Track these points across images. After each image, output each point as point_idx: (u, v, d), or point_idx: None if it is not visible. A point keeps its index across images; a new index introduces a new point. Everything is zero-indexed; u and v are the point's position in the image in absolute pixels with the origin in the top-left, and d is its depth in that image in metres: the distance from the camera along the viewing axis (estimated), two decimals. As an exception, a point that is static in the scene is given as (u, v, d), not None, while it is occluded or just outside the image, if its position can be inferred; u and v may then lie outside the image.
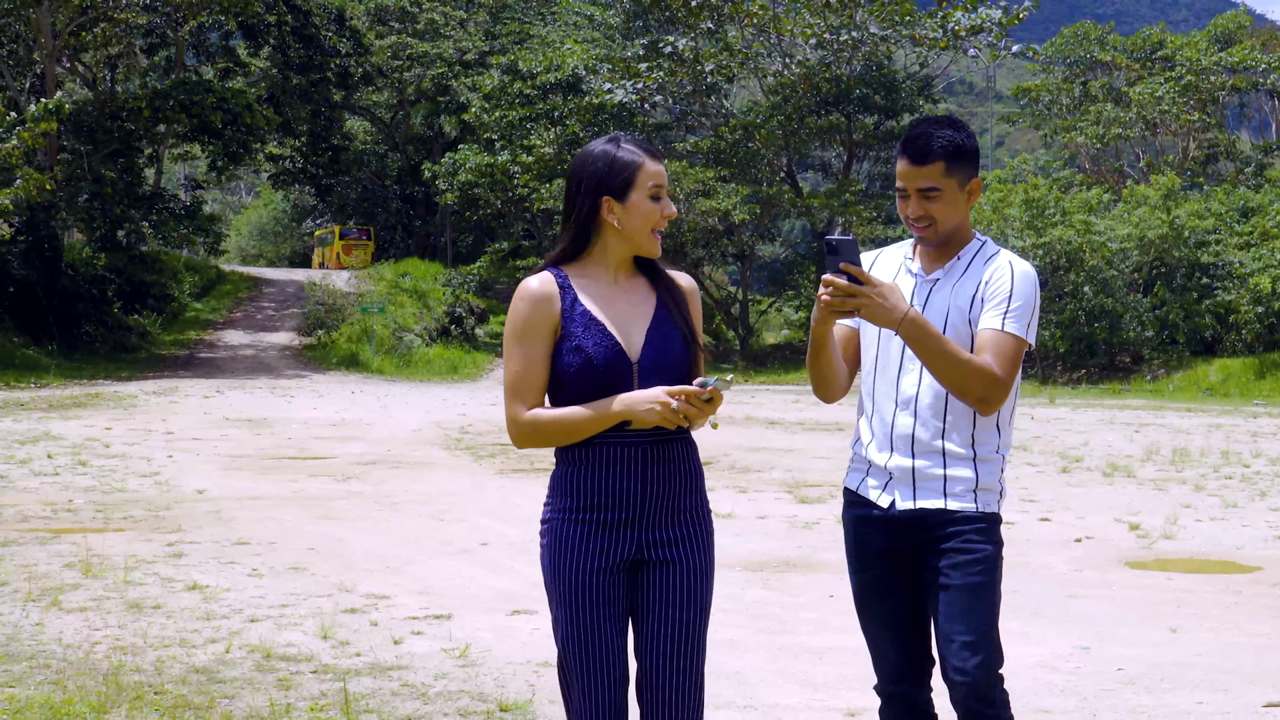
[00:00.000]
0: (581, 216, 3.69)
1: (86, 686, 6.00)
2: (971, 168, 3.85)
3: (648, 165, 3.67)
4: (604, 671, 3.63)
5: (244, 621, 7.39)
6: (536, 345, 3.65)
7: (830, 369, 3.93)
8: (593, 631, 3.62)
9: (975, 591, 3.80)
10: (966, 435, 3.84)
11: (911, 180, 3.83)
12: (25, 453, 15.36)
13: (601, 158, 3.68)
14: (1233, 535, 10.99)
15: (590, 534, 3.64)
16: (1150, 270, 36.73)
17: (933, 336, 3.70)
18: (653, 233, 3.69)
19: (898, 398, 3.89)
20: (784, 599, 8.30)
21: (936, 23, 43.20)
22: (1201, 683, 6.41)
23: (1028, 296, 3.81)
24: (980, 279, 3.85)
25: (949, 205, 3.83)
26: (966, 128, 3.89)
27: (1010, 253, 3.90)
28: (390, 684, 6.17)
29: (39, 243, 35.29)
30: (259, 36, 46.15)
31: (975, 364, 3.73)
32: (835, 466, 15.43)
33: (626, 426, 3.63)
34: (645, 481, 3.65)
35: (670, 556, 3.68)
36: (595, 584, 3.63)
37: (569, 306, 3.66)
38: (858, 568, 3.99)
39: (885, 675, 3.99)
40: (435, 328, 41.76)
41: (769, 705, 5.94)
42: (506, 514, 11.60)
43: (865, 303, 3.67)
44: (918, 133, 3.84)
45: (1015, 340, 3.77)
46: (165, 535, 10.19)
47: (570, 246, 3.72)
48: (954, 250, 3.90)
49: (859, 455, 3.99)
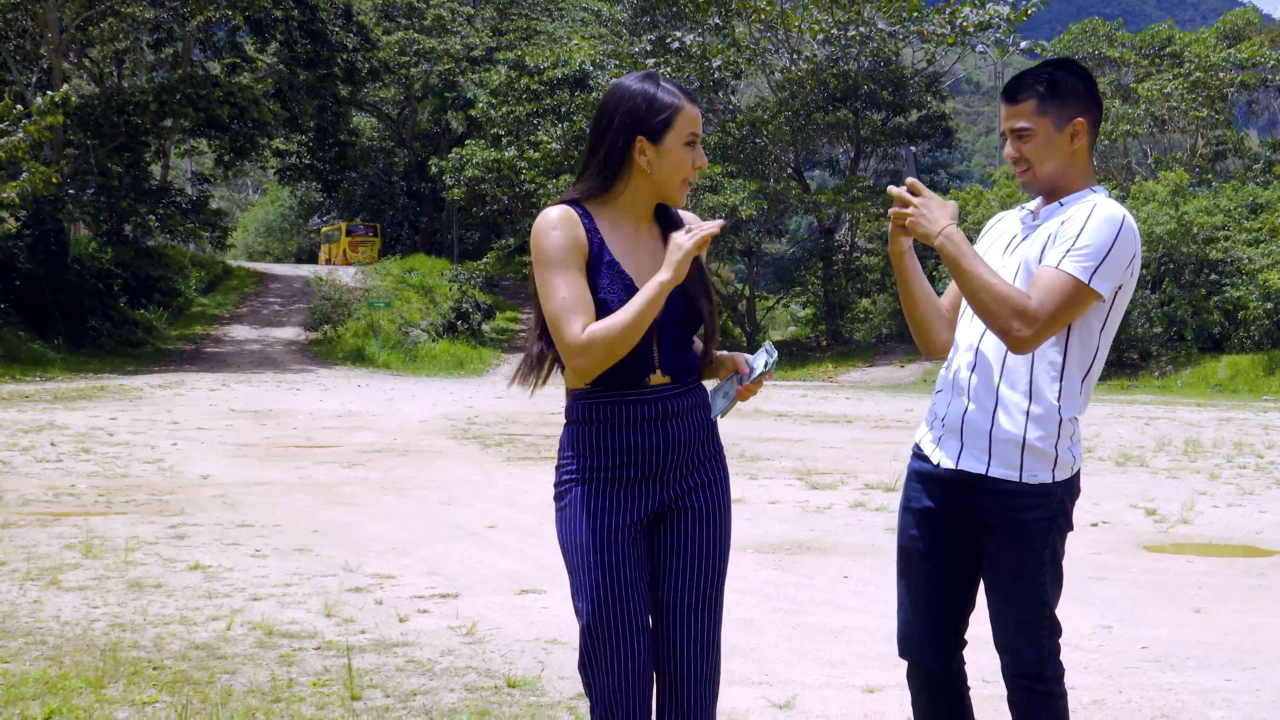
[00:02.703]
0: (612, 155, 3.46)
1: (83, 662, 5.85)
2: (1072, 107, 3.59)
3: (687, 109, 3.46)
4: (634, 636, 3.44)
5: (246, 600, 7.24)
6: (576, 268, 3.40)
7: (918, 307, 3.76)
8: (623, 592, 3.43)
9: (1021, 570, 3.61)
10: (1024, 383, 3.58)
11: (1006, 120, 3.64)
12: (29, 440, 15.21)
13: (640, 95, 3.45)
14: (1251, 521, 10.82)
15: (613, 491, 3.46)
16: (1158, 266, 36.52)
17: (965, 256, 3.49)
18: (683, 182, 3.49)
19: (966, 339, 3.69)
20: (798, 580, 8.14)
21: (945, 19, 43.07)
22: (1228, 661, 6.24)
23: (1101, 239, 3.48)
24: (1060, 219, 3.59)
25: (1044, 147, 3.59)
26: (1075, 66, 3.64)
27: (1109, 200, 3.59)
28: (395, 660, 6.01)
29: (45, 237, 35.16)
30: (266, 31, 45.95)
31: (1004, 289, 3.47)
32: (846, 455, 15.26)
33: (646, 380, 3.46)
34: (667, 434, 3.47)
35: (690, 504, 3.53)
36: (621, 542, 3.44)
37: (596, 252, 3.44)
38: (902, 524, 3.79)
39: (906, 642, 3.79)
40: (441, 323, 41.63)
41: (786, 681, 5.78)
42: (515, 500, 11.44)
43: (911, 214, 3.52)
44: (1021, 73, 3.67)
45: (1069, 280, 3.46)
46: (168, 518, 10.04)
47: (595, 184, 3.48)
48: (1059, 198, 3.65)
49: (931, 405, 3.80)
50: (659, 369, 3.48)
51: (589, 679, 3.49)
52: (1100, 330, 3.61)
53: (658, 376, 3.48)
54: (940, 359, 3.83)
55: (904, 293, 3.76)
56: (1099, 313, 3.58)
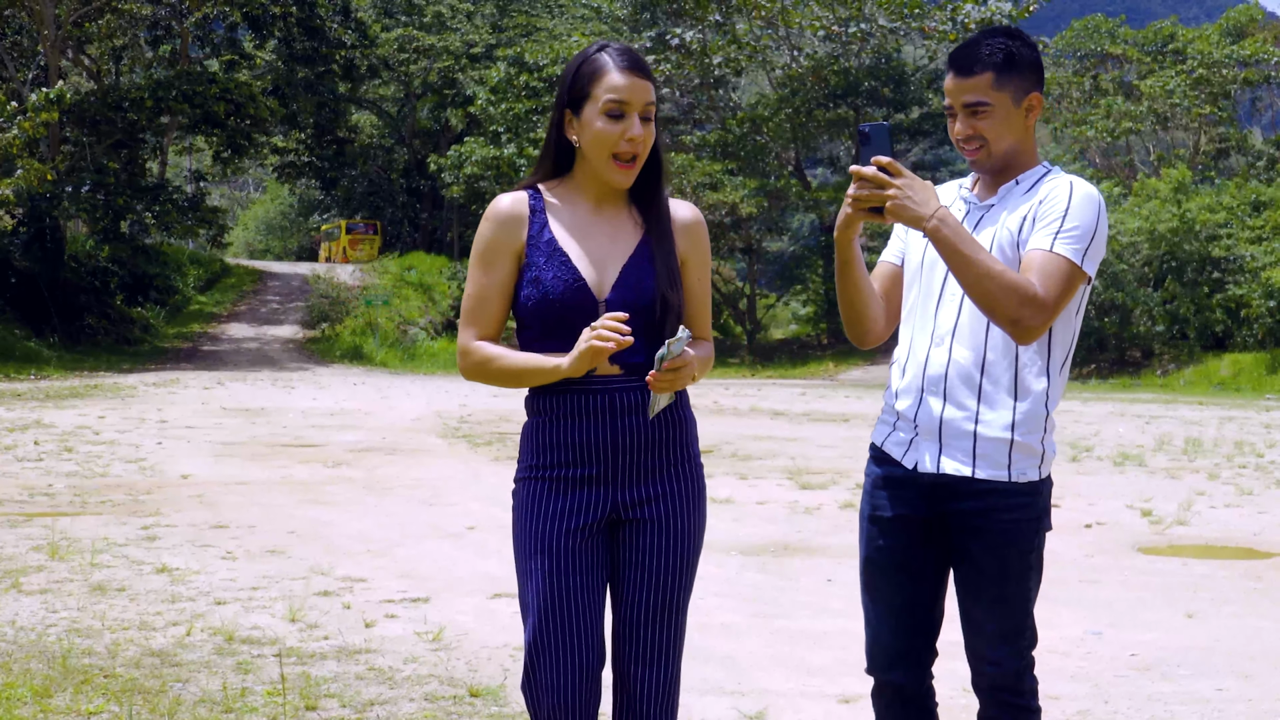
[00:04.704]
0: (551, 132, 3.27)
1: (32, 669, 5.63)
2: (1029, 80, 3.37)
3: (610, 76, 3.18)
4: (580, 650, 3.20)
5: (210, 604, 7.02)
6: (496, 270, 3.26)
7: (860, 296, 3.46)
8: (568, 602, 3.19)
9: (1006, 574, 3.38)
10: (1008, 376, 3.36)
11: (957, 95, 3.36)
12: (11, 440, 15.00)
13: (572, 64, 3.25)
14: (1249, 522, 10.58)
15: (559, 492, 3.23)
16: (1161, 264, 36.27)
17: (965, 240, 3.21)
18: (613, 159, 3.20)
19: (934, 331, 3.42)
20: (781, 583, 7.92)
21: (946, 15, 42.82)
22: (1222, 669, 6.02)
23: (1086, 220, 3.29)
24: (1035, 199, 3.36)
25: (1001, 123, 3.35)
26: (1023, 36, 3.40)
27: (1076, 176, 3.38)
28: (356, 668, 5.80)
29: (41, 234, 34.96)
30: (264, 28, 45.70)
31: (1010, 277, 3.21)
32: (840, 455, 15.03)
33: (594, 372, 3.23)
34: (617, 432, 3.22)
35: (648, 515, 3.28)
36: (566, 547, 3.21)
37: (536, 233, 3.24)
38: (868, 535, 3.52)
39: (876, 660, 3.55)
40: (440, 321, 41.45)
41: (760, 691, 5.56)
42: (499, 498, 11.21)
43: (893, 196, 3.20)
44: (966, 43, 3.39)
45: (1066, 263, 3.25)
46: (141, 519, 9.81)
47: (547, 167, 3.30)
48: (1012, 175, 3.42)
49: (888, 406, 3.53)
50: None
51: (534, 698, 3.24)
52: (1076, 314, 3.42)
53: (604, 366, 3.23)
54: (870, 349, 3.59)
55: (848, 281, 3.46)
56: (1079, 297, 3.38)
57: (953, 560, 3.47)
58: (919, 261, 3.49)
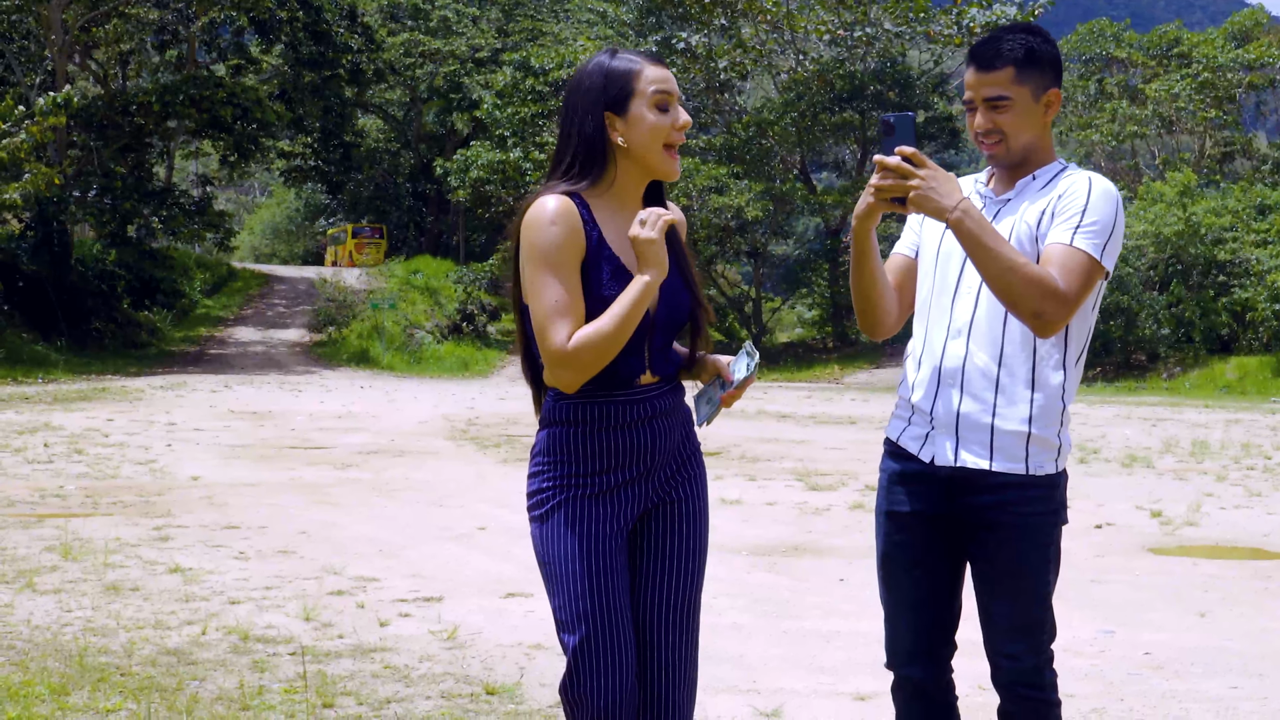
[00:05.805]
0: (591, 142, 3.22)
1: (49, 668, 5.66)
2: (1048, 77, 3.40)
3: (647, 70, 3.22)
4: (625, 650, 3.24)
5: (224, 603, 7.05)
6: (571, 271, 3.18)
7: (874, 287, 3.47)
8: (615, 608, 3.24)
9: (1024, 568, 3.40)
10: (1025, 369, 3.37)
11: (978, 89, 3.39)
12: (21, 442, 15.04)
13: (595, 71, 3.24)
14: (1258, 523, 10.60)
15: (599, 499, 3.26)
16: (1166, 267, 36.26)
17: (988, 232, 3.24)
18: (666, 149, 3.24)
19: (950, 324, 3.43)
20: (791, 583, 7.94)
21: (951, 19, 42.79)
22: (1234, 668, 6.03)
23: (1105, 215, 3.31)
24: (1053, 194, 3.38)
25: (1021, 118, 3.38)
26: (1044, 33, 3.44)
27: (1094, 172, 3.42)
28: (372, 666, 5.82)
29: (48, 238, 35.00)
30: (271, 33, 45.77)
31: (1033, 270, 3.23)
32: (848, 457, 15.05)
33: (637, 380, 3.27)
34: (655, 434, 3.29)
35: (674, 497, 3.37)
36: (609, 551, 3.25)
37: (595, 243, 3.21)
38: (885, 530, 3.53)
39: (895, 655, 3.56)
40: (447, 325, 41.46)
41: (774, 689, 5.59)
42: (508, 501, 11.23)
43: (916, 186, 3.22)
44: (987, 37, 3.42)
45: (1086, 258, 3.27)
46: (153, 520, 9.85)
47: (585, 175, 3.24)
48: (1029, 170, 3.45)
49: (903, 400, 3.53)
50: (649, 369, 3.30)
51: (579, 700, 3.24)
52: (1092, 309, 3.44)
53: (648, 376, 3.30)
54: (878, 347, 3.62)
55: (863, 271, 3.47)
56: (1095, 292, 3.39)
57: (970, 554, 3.49)
58: (934, 254, 3.51)
